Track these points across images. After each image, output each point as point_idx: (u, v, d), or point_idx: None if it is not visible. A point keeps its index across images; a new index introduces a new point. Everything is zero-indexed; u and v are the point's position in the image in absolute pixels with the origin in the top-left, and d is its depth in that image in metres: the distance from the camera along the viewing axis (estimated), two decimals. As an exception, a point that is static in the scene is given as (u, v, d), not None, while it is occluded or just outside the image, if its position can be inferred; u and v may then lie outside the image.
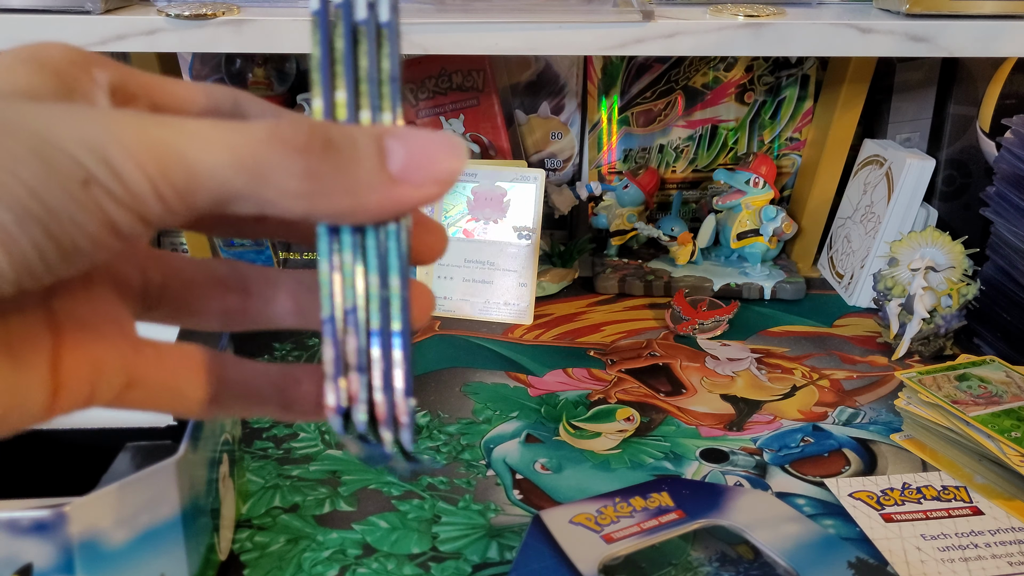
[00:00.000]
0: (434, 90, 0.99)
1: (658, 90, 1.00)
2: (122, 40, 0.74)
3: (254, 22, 0.73)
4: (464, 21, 0.73)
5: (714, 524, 0.40)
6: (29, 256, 0.19)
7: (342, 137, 0.22)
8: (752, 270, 0.96)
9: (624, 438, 0.70)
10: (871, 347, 0.84)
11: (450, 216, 0.89)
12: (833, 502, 0.62)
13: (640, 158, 1.02)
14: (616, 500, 0.51)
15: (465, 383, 0.77)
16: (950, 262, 0.80)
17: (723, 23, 0.74)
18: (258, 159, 0.20)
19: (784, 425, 0.72)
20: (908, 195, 0.89)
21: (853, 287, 0.93)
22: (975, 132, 0.96)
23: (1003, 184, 0.85)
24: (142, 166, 0.19)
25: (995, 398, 0.67)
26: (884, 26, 0.74)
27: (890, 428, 0.71)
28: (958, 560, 0.57)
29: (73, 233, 0.19)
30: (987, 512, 0.61)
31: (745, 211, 0.95)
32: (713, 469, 0.66)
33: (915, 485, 0.64)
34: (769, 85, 1.00)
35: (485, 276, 0.88)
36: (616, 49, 0.74)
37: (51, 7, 0.74)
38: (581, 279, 0.98)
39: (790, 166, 1.03)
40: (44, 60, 0.22)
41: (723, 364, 0.81)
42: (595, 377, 0.78)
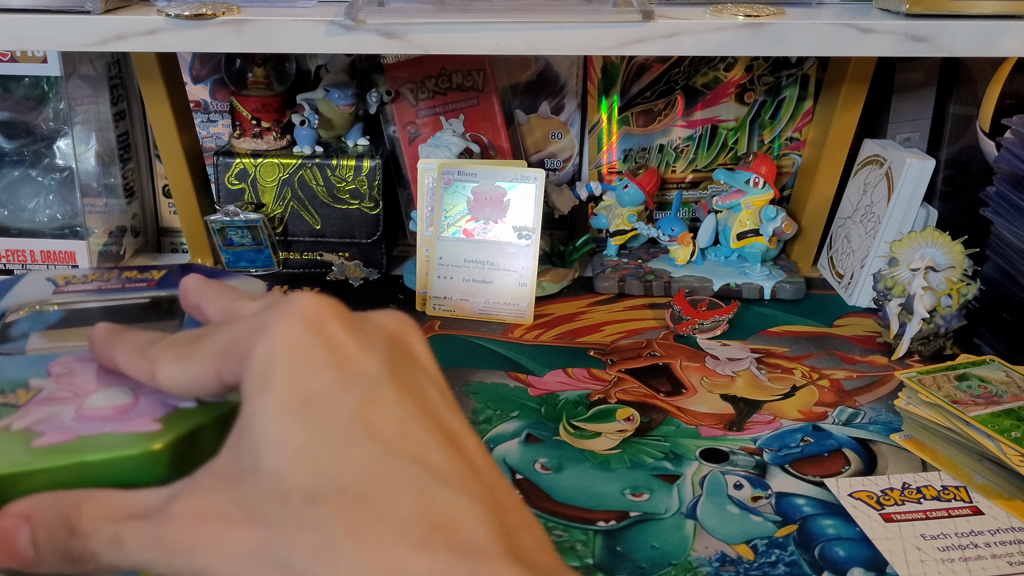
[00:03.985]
0: (434, 90, 0.99)
1: (658, 90, 1.00)
2: (122, 40, 0.74)
3: (254, 22, 0.73)
4: (464, 21, 0.73)
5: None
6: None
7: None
8: (752, 270, 0.96)
9: (624, 438, 0.70)
10: (871, 347, 0.84)
11: (450, 216, 0.89)
12: (833, 502, 0.62)
13: (640, 158, 1.02)
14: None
15: (465, 383, 0.77)
16: (950, 262, 0.80)
17: (723, 23, 0.74)
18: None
19: (784, 425, 0.72)
20: (908, 195, 0.89)
21: (853, 287, 0.93)
22: (975, 132, 0.96)
23: (1003, 184, 0.85)
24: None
25: (995, 398, 0.67)
26: (884, 26, 0.74)
27: (890, 428, 0.71)
28: (958, 560, 0.57)
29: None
30: (987, 512, 0.61)
31: (745, 211, 0.95)
32: (713, 469, 0.66)
33: (915, 485, 0.64)
34: (769, 85, 1.00)
35: (485, 276, 0.88)
36: (616, 49, 0.74)
37: (51, 7, 0.74)
38: (581, 279, 0.98)
39: (790, 166, 1.03)
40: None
41: (723, 364, 0.81)
42: (595, 377, 0.78)
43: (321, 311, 0.28)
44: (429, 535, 0.24)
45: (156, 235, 1.08)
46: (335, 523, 0.24)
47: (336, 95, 0.96)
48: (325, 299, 0.29)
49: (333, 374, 0.27)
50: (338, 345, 0.28)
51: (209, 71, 1.02)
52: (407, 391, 0.28)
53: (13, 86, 0.89)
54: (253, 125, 0.97)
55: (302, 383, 0.27)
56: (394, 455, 0.26)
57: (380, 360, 0.28)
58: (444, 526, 0.24)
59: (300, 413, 0.26)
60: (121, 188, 1.01)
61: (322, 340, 0.28)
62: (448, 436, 0.27)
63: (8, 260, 0.94)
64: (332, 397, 0.27)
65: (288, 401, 0.27)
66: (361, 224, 0.97)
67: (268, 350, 0.27)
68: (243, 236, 0.96)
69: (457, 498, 0.25)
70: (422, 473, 0.25)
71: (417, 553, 0.24)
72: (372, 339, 0.29)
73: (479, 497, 0.26)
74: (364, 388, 0.27)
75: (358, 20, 0.72)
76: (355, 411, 0.26)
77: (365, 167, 0.95)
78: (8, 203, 0.93)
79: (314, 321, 0.28)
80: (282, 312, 0.28)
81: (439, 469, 0.26)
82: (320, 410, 0.26)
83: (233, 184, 0.96)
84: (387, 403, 0.27)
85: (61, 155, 0.92)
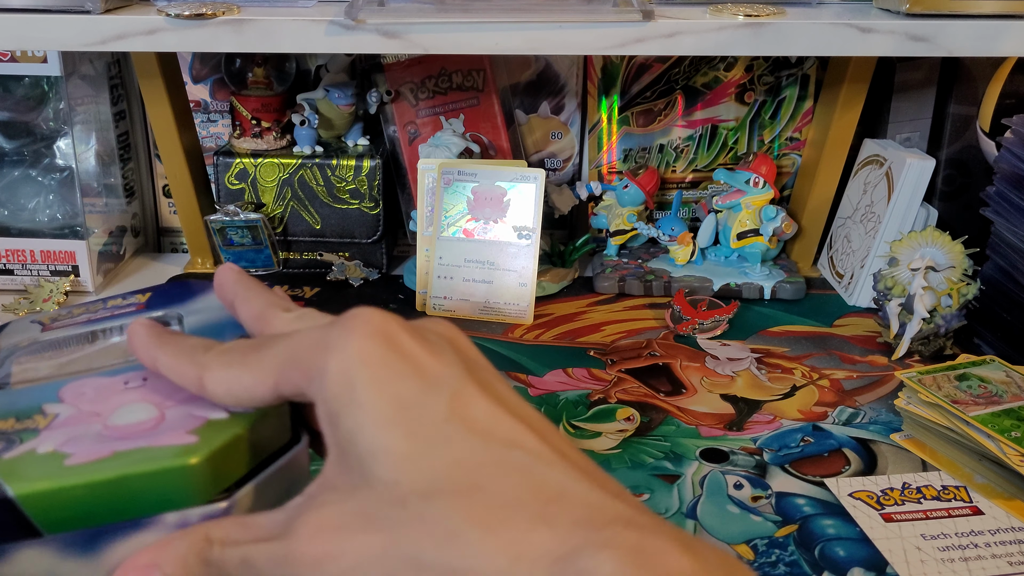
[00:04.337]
0: (434, 90, 0.99)
1: (658, 90, 1.00)
2: (122, 40, 0.74)
3: (254, 22, 0.73)
4: (464, 21, 0.73)
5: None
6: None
7: None
8: (752, 270, 0.96)
9: (624, 438, 0.70)
10: (871, 347, 0.84)
11: (450, 216, 0.89)
12: (833, 502, 0.62)
13: (640, 158, 1.02)
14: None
15: (465, 383, 0.77)
16: (950, 262, 0.80)
17: (723, 23, 0.74)
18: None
19: (784, 425, 0.72)
20: (908, 195, 0.89)
21: (853, 287, 0.93)
22: (975, 132, 0.96)
23: (1003, 184, 0.85)
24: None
25: (995, 398, 0.67)
26: (884, 26, 0.74)
27: (890, 428, 0.71)
28: (958, 560, 0.57)
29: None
30: (987, 512, 0.61)
31: (745, 211, 0.95)
32: (713, 469, 0.66)
33: (915, 485, 0.64)
34: (769, 85, 1.00)
35: (485, 276, 0.88)
36: (616, 49, 0.74)
37: (51, 7, 0.74)
38: (581, 279, 0.98)
39: (790, 166, 1.03)
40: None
41: (723, 364, 0.81)
42: (595, 377, 0.78)
43: (388, 323, 0.29)
44: (545, 509, 0.26)
45: (156, 235, 1.08)
46: (455, 513, 0.26)
47: (336, 95, 0.96)
48: (385, 312, 0.30)
49: (416, 380, 0.28)
50: (411, 354, 0.29)
51: (209, 71, 1.02)
52: (483, 386, 0.29)
53: (13, 86, 0.89)
54: (253, 125, 0.97)
55: (390, 393, 0.28)
56: (494, 444, 0.27)
57: (452, 362, 0.29)
58: (556, 499, 0.26)
59: (397, 422, 0.27)
60: (121, 188, 1.01)
61: (396, 351, 0.29)
62: (530, 423, 0.29)
63: (8, 260, 0.94)
64: (422, 401, 0.28)
65: (382, 413, 0.28)
66: (361, 224, 0.97)
67: (344, 367, 0.28)
68: (243, 236, 0.96)
69: (562, 474, 0.27)
70: (524, 456, 0.27)
71: (538, 526, 0.25)
72: (437, 345, 0.30)
73: (579, 471, 0.27)
74: (449, 388, 0.28)
75: (358, 20, 0.72)
76: (448, 410, 0.28)
77: (365, 167, 0.95)
78: (8, 203, 0.93)
79: (384, 334, 0.29)
80: (350, 328, 0.29)
81: (537, 451, 0.27)
82: (415, 415, 0.27)
83: (233, 184, 0.96)
84: (473, 398, 0.28)
85: (61, 155, 0.92)
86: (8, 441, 0.31)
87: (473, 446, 0.27)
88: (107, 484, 0.30)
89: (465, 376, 0.29)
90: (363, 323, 0.29)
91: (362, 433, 0.28)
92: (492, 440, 0.27)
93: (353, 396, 0.28)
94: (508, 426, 0.28)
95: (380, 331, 0.29)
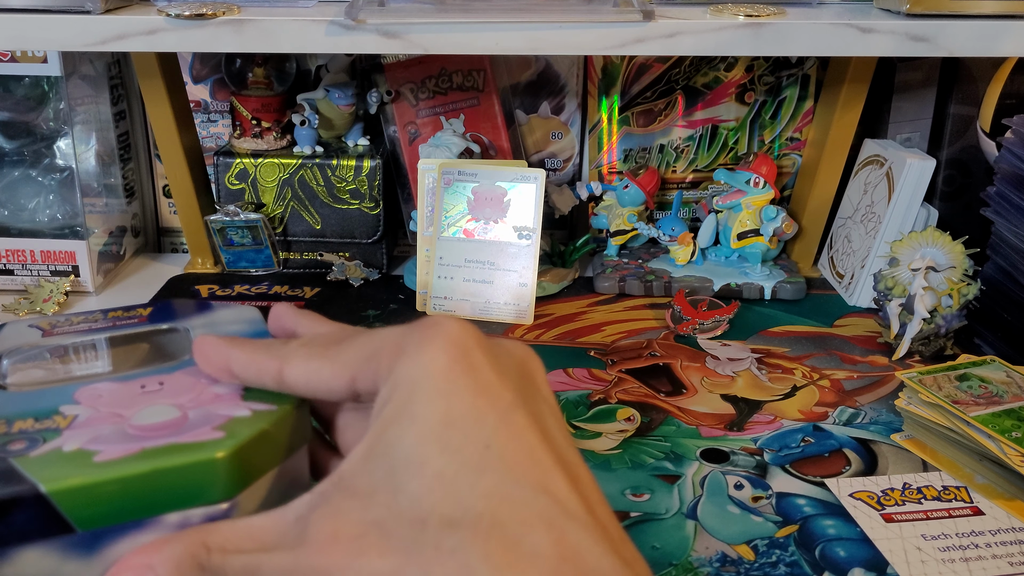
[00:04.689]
0: (434, 90, 0.99)
1: (658, 90, 1.00)
2: (122, 40, 0.74)
3: (254, 22, 0.73)
4: (464, 21, 0.73)
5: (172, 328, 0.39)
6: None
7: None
8: (752, 270, 0.96)
9: (624, 438, 0.70)
10: (871, 347, 0.84)
11: (450, 216, 0.89)
12: (834, 502, 0.62)
13: (640, 158, 1.02)
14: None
15: (465, 383, 0.77)
16: (951, 262, 0.80)
17: (723, 23, 0.74)
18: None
19: (784, 425, 0.72)
20: (908, 195, 0.89)
21: (853, 287, 0.93)
22: (975, 132, 0.96)
23: (1004, 184, 0.85)
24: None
25: (996, 398, 0.67)
26: (884, 26, 0.74)
27: (890, 428, 0.71)
28: (959, 560, 0.57)
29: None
30: (988, 512, 0.61)
31: (745, 211, 0.95)
32: (714, 469, 0.66)
33: (916, 485, 0.64)
34: (769, 85, 1.00)
35: (485, 276, 0.88)
36: (616, 49, 0.74)
37: (51, 7, 0.74)
38: (581, 279, 0.98)
39: (790, 166, 1.03)
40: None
41: (723, 364, 0.81)
42: (595, 377, 0.78)
43: (465, 337, 0.30)
44: (559, 566, 0.26)
45: (156, 235, 1.08)
46: (472, 549, 0.26)
47: (336, 95, 0.96)
48: (466, 325, 0.30)
49: (472, 398, 0.28)
50: (478, 371, 0.29)
51: (209, 71, 1.02)
52: (534, 419, 0.29)
53: (13, 86, 0.89)
54: (253, 125, 0.96)
55: (443, 408, 0.28)
56: (526, 485, 0.27)
57: (513, 386, 0.29)
58: (572, 558, 0.26)
59: (440, 438, 0.27)
60: (121, 188, 1.01)
61: (465, 365, 0.29)
62: (567, 468, 0.28)
63: (8, 260, 0.94)
64: (470, 422, 0.28)
65: (430, 425, 0.28)
66: (361, 224, 0.97)
67: (411, 375, 0.29)
68: (243, 236, 0.96)
69: (582, 531, 0.27)
70: (551, 505, 0.27)
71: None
72: (505, 365, 0.30)
73: (599, 530, 0.27)
74: (499, 414, 0.28)
75: (358, 20, 0.72)
76: (491, 437, 0.28)
77: (365, 167, 0.95)
78: (8, 203, 0.93)
79: (459, 346, 0.29)
80: (428, 337, 0.29)
81: (565, 502, 0.27)
82: (459, 435, 0.27)
83: (233, 184, 0.96)
84: (519, 431, 0.28)
85: (61, 155, 0.92)
86: (31, 440, 0.32)
87: (505, 481, 0.27)
88: (139, 479, 0.30)
89: (519, 404, 0.29)
90: (440, 333, 0.29)
91: (403, 443, 0.28)
92: (524, 480, 0.27)
93: (409, 408, 0.28)
94: (544, 468, 0.28)
95: (455, 343, 0.29)
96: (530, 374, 0.31)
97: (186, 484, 0.31)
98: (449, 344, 0.29)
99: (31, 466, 0.30)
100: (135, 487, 0.30)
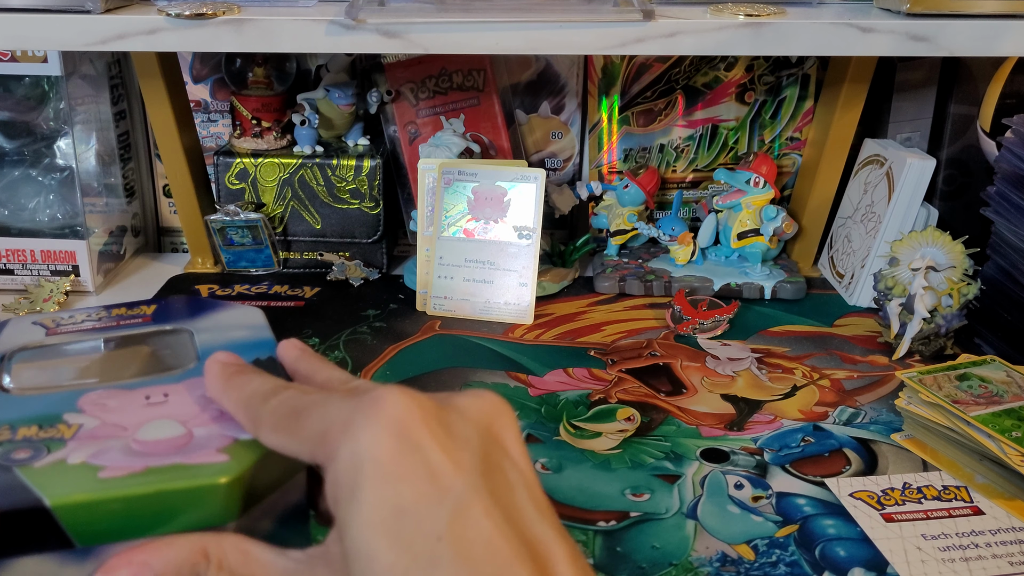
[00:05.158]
0: (434, 90, 0.99)
1: (658, 90, 1.00)
2: (122, 40, 0.74)
3: (254, 22, 0.73)
4: (464, 21, 0.73)
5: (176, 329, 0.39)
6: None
7: None
8: (752, 270, 0.96)
9: (624, 438, 0.70)
10: (871, 347, 0.84)
11: (450, 216, 0.89)
12: (834, 502, 0.62)
13: (640, 158, 1.02)
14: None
15: (465, 383, 0.77)
16: (951, 262, 0.80)
17: (723, 23, 0.74)
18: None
19: (785, 425, 0.72)
20: (909, 195, 0.89)
21: (853, 287, 0.93)
22: (975, 132, 0.96)
23: (1004, 184, 0.85)
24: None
25: (996, 398, 0.67)
26: (884, 26, 0.74)
27: (890, 428, 0.71)
28: (959, 560, 0.57)
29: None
30: (988, 512, 0.61)
31: (745, 211, 0.95)
32: (714, 469, 0.66)
33: (916, 485, 0.64)
34: (769, 85, 1.00)
35: (485, 276, 0.88)
36: (616, 49, 0.74)
37: (51, 7, 0.74)
38: (581, 279, 0.98)
39: (790, 166, 1.03)
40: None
41: (723, 364, 0.81)
42: (595, 377, 0.78)
43: (410, 413, 0.28)
44: None
45: (156, 235, 1.08)
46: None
47: (336, 95, 0.96)
48: (413, 398, 0.28)
49: (423, 486, 0.27)
50: (427, 452, 0.27)
51: (209, 71, 1.02)
52: (496, 499, 0.27)
53: (13, 86, 0.89)
54: (253, 125, 0.96)
55: (391, 496, 0.26)
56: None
57: (471, 465, 0.28)
58: None
59: (390, 529, 0.26)
60: (121, 188, 1.01)
61: (410, 448, 0.27)
62: (534, 552, 0.27)
63: (8, 260, 0.94)
64: (422, 512, 0.26)
65: (377, 515, 0.26)
66: (361, 224, 0.97)
67: (353, 457, 0.27)
68: (243, 236, 0.96)
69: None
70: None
71: None
72: (461, 439, 0.28)
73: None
74: (455, 501, 0.27)
75: (358, 20, 0.72)
76: (445, 528, 0.26)
77: (365, 167, 0.95)
78: (8, 203, 0.93)
79: (402, 426, 0.27)
80: (368, 415, 0.28)
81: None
82: (410, 526, 0.26)
83: (233, 184, 0.96)
84: (477, 518, 0.26)
85: (61, 155, 0.92)
86: (35, 449, 0.32)
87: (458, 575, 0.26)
88: (142, 499, 0.30)
89: (474, 487, 0.27)
90: (383, 410, 0.28)
91: (354, 530, 0.26)
92: (480, 573, 0.26)
93: (354, 491, 0.27)
94: (503, 559, 0.26)
95: (398, 422, 0.27)
96: (495, 436, 0.30)
97: (188, 506, 0.30)
98: (393, 424, 0.27)
99: (36, 477, 0.30)
100: (138, 506, 0.30)
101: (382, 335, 0.85)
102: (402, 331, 0.86)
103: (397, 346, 0.83)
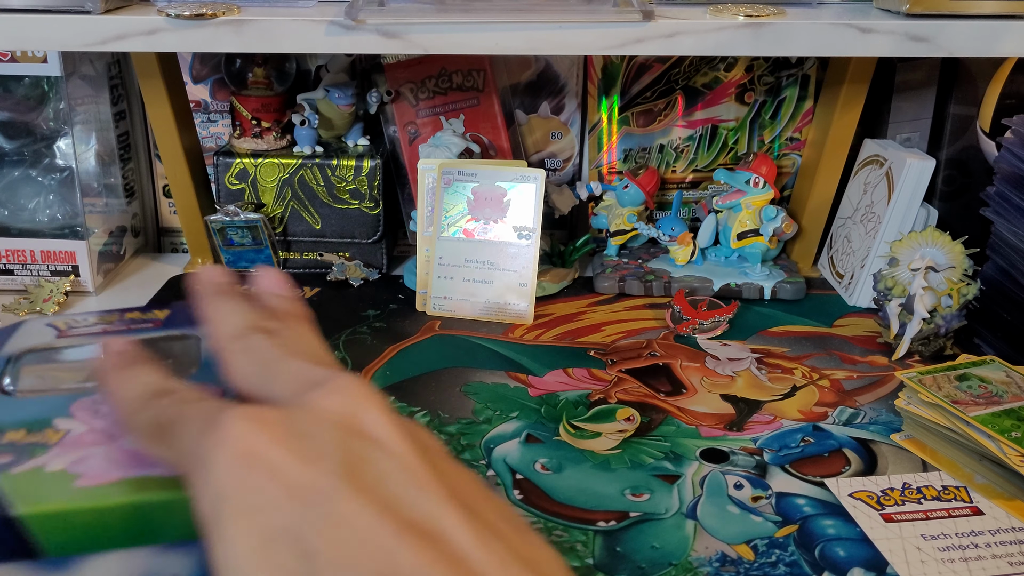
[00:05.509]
0: (434, 90, 0.99)
1: (658, 90, 1.00)
2: (122, 40, 0.74)
3: (254, 22, 0.73)
4: (464, 21, 0.73)
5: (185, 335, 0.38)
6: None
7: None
8: (752, 270, 0.96)
9: (624, 438, 0.70)
10: (871, 347, 0.84)
11: (450, 216, 0.89)
12: (833, 502, 0.62)
13: (640, 158, 1.02)
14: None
15: (465, 383, 0.77)
16: (950, 262, 0.80)
17: (723, 23, 0.74)
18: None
19: (784, 425, 0.72)
20: (908, 195, 0.89)
21: (853, 287, 0.93)
22: (975, 132, 0.96)
23: (1003, 184, 0.85)
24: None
25: (995, 398, 0.67)
26: (884, 26, 0.74)
27: (890, 428, 0.71)
28: (958, 560, 0.57)
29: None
30: (987, 512, 0.61)
31: (745, 211, 0.95)
32: (713, 469, 0.66)
33: (915, 485, 0.64)
34: (769, 85, 1.00)
35: (485, 276, 0.88)
36: (616, 49, 0.74)
37: (51, 7, 0.74)
38: (581, 279, 0.98)
39: (790, 166, 1.03)
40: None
41: (723, 364, 0.81)
42: (595, 377, 0.78)
43: (256, 436, 0.27)
44: None
45: (156, 235, 1.08)
46: None
47: (336, 95, 0.96)
48: (255, 418, 0.27)
49: (284, 505, 0.26)
50: (281, 471, 0.26)
51: (209, 71, 1.02)
52: (368, 492, 0.26)
53: (13, 86, 0.89)
54: (253, 125, 0.97)
55: (254, 528, 0.25)
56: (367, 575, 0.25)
57: (331, 468, 0.26)
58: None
59: (261, 561, 0.25)
60: (121, 188, 1.01)
61: (264, 471, 0.26)
62: (421, 531, 0.26)
63: (8, 260, 0.94)
64: (290, 532, 0.25)
65: (244, 549, 0.25)
66: (361, 224, 0.97)
67: (209, 496, 0.26)
68: (243, 236, 0.96)
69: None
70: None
71: None
72: (317, 444, 0.27)
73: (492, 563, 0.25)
74: (319, 511, 0.26)
75: (358, 20, 0.72)
76: (318, 539, 0.25)
77: (365, 167, 0.95)
78: (8, 203, 0.93)
79: (250, 451, 0.26)
80: (213, 448, 0.27)
81: (419, 569, 0.25)
82: (281, 550, 0.25)
83: (233, 184, 0.96)
84: (346, 520, 0.25)
85: (61, 155, 0.92)
86: (18, 454, 0.31)
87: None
88: (117, 510, 0.29)
89: (342, 488, 0.26)
90: (226, 440, 0.27)
91: (226, 567, 0.25)
92: (364, 571, 0.25)
93: (218, 528, 0.26)
94: (384, 550, 0.25)
95: (246, 447, 0.26)
96: (358, 430, 0.28)
97: (163, 519, 0.29)
98: (240, 452, 0.26)
99: (9, 483, 0.29)
100: (112, 517, 0.29)
101: (382, 335, 0.85)
102: (402, 331, 0.86)
103: (397, 346, 0.83)
